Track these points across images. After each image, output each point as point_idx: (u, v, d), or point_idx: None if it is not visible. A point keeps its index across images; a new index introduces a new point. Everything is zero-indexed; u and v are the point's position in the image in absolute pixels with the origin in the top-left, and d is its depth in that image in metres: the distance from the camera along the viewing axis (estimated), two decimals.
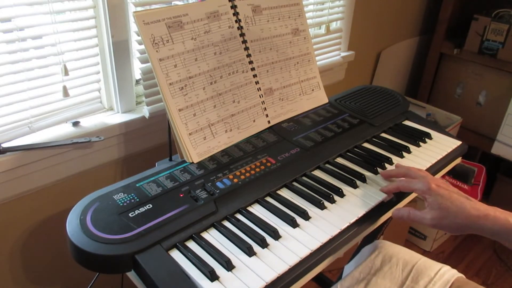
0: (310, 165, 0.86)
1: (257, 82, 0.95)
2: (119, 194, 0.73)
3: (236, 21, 0.92)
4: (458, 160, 1.00)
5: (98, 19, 0.90)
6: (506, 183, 1.90)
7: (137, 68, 0.99)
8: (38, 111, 0.87)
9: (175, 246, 0.66)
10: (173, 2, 1.00)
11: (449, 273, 0.84)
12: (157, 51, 0.80)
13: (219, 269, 0.62)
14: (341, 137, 0.96)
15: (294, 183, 0.82)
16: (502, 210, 0.68)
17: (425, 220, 0.71)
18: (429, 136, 1.01)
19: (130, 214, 0.69)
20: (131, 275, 0.66)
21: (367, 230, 0.77)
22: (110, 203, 0.71)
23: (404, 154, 0.94)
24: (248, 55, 0.94)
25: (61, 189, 0.96)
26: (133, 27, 0.95)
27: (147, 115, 0.99)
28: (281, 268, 0.62)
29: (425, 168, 0.89)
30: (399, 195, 0.82)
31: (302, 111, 1.04)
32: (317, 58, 1.25)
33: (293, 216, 0.72)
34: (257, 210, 0.74)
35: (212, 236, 0.68)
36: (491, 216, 0.67)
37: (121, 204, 0.71)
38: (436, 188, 0.71)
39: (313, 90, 1.07)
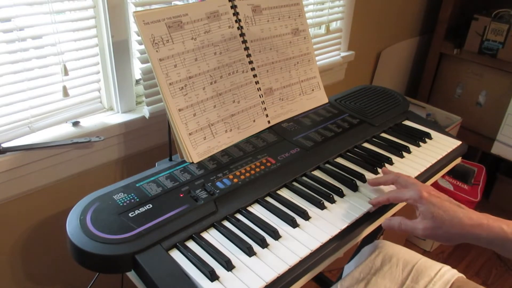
0: (310, 165, 0.86)
1: (257, 82, 0.95)
2: (119, 194, 0.73)
3: (236, 21, 0.92)
4: (458, 160, 1.00)
5: (98, 19, 0.90)
6: (506, 183, 1.90)
7: (137, 68, 0.99)
8: (38, 111, 0.87)
9: (175, 246, 0.66)
10: (173, 2, 1.00)
11: (449, 273, 0.84)
12: (157, 51, 0.80)
13: (219, 269, 0.62)
14: (341, 137, 0.96)
15: (294, 183, 0.82)
16: (494, 217, 0.66)
17: (417, 231, 0.68)
18: (429, 136, 1.01)
19: (130, 214, 0.69)
20: (131, 275, 0.66)
21: (367, 230, 0.77)
22: (110, 203, 0.71)
23: (404, 154, 0.94)
24: (248, 55, 0.94)
25: (61, 189, 0.96)
26: (133, 27, 0.95)
27: (147, 115, 0.99)
28: (281, 268, 0.62)
29: (425, 168, 0.89)
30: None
31: (302, 111, 1.04)
32: (317, 58, 1.25)
33: (293, 216, 0.72)
34: (257, 210, 0.74)
35: (212, 236, 0.68)
36: (485, 225, 0.65)
37: (121, 204, 0.71)
38: (427, 196, 0.68)
39: (313, 90, 1.07)
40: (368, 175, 0.85)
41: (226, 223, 0.71)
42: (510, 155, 1.74)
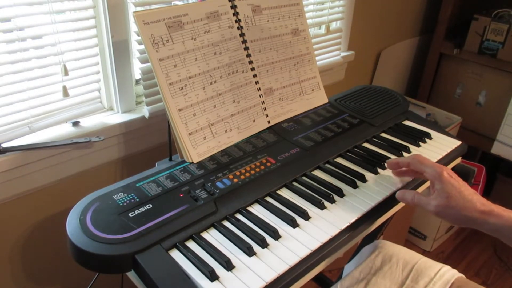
0: (310, 165, 0.86)
1: (257, 82, 0.95)
2: (119, 194, 0.73)
3: (236, 21, 0.92)
4: (458, 160, 1.00)
5: (98, 19, 0.90)
6: (506, 183, 1.90)
7: (137, 68, 0.99)
8: (38, 111, 0.87)
9: (175, 246, 0.66)
10: (173, 2, 1.00)
11: (449, 273, 0.84)
12: (157, 51, 0.80)
13: (219, 269, 0.62)
14: (341, 137, 0.96)
15: (294, 183, 0.81)
16: (505, 208, 0.69)
17: (429, 206, 0.71)
18: (429, 136, 1.01)
19: (130, 214, 0.69)
20: (131, 275, 0.66)
21: (367, 230, 0.77)
22: (110, 203, 0.71)
23: (404, 154, 0.94)
24: (248, 55, 0.94)
25: (61, 189, 0.96)
26: (133, 27, 0.95)
27: (147, 115, 0.99)
28: (281, 268, 0.62)
29: None
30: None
31: (302, 111, 1.04)
32: (317, 58, 1.25)
33: (293, 216, 0.72)
34: (257, 210, 0.74)
35: (212, 236, 0.68)
36: (495, 212, 0.67)
37: (121, 204, 0.71)
38: (447, 177, 0.71)
39: (313, 90, 1.07)
40: (368, 175, 0.85)
41: (226, 223, 0.71)
42: (510, 155, 1.74)
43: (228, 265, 0.62)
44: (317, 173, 0.86)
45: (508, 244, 0.69)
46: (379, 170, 0.86)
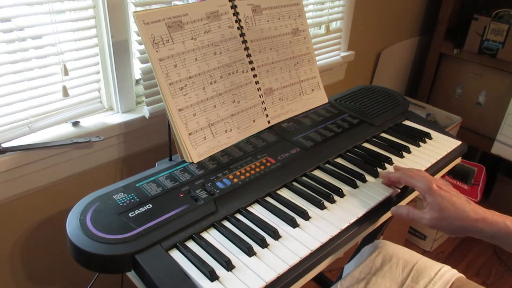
0: (310, 165, 0.86)
1: (257, 82, 0.95)
2: (119, 194, 0.73)
3: (236, 21, 0.92)
4: (458, 160, 1.00)
5: (98, 19, 0.90)
6: (506, 183, 1.90)
7: (137, 68, 0.99)
8: (38, 111, 0.87)
9: (175, 246, 0.66)
10: (173, 2, 1.00)
11: (449, 273, 0.84)
12: (157, 51, 0.80)
13: (219, 269, 0.62)
14: (341, 137, 0.96)
15: (294, 183, 0.81)
16: (500, 213, 0.69)
17: (424, 220, 0.71)
18: (429, 136, 1.01)
19: (130, 214, 0.69)
20: (131, 275, 0.66)
21: (367, 230, 0.77)
22: (110, 203, 0.71)
23: (404, 154, 0.94)
24: (248, 55, 0.94)
25: (61, 189, 0.96)
26: (133, 27, 0.95)
27: (147, 115, 0.99)
28: (281, 268, 0.62)
29: (425, 168, 0.89)
30: (399, 195, 0.82)
31: (302, 111, 1.04)
32: (317, 58, 1.25)
33: (293, 216, 0.72)
34: (257, 210, 0.74)
35: (212, 236, 0.68)
36: (489, 220, 0.67)
37: (121, 204, 0.71)
38: (437, 189, 0.71)
39: (313, 90, 1.07)
40: (368, 175, 0.85)
41: (226, 223, 0.71)
42: (510, 155, 1.74)
43: (228, 265, 0.62)
44: (317, 173, 0.86)
45: (506, 249, 0.69)
46: (379, 170, 0.86)
